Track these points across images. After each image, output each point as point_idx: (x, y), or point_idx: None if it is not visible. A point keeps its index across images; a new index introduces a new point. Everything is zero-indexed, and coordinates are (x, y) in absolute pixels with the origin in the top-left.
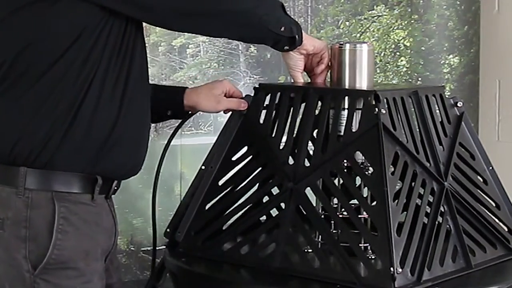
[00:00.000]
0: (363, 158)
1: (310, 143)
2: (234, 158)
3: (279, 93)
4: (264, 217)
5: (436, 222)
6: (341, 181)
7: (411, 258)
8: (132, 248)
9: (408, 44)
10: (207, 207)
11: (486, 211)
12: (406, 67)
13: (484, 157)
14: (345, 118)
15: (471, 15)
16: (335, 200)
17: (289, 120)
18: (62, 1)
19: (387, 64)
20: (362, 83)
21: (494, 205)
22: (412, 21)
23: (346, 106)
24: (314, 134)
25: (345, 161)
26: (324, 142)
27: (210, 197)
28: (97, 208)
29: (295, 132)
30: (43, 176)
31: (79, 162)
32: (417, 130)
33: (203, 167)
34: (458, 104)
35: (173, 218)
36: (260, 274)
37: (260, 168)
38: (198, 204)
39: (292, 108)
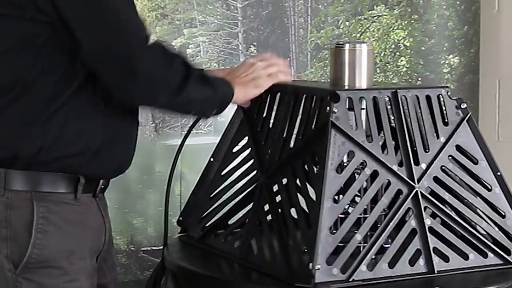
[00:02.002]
0: None
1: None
2: (234, 151)
3: (269, 90)
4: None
5: (391, 224)
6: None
7: (345, 256)
8: (132, 248)
9: (408, 44)
10: (210, 198)
11: (479, 217)
12: (406, 67)
13: (491, 162)
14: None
15: (471, 15)
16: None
17: (271, 117)
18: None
19: (387, 64)
20: (362, 83)
21: (496, 212)
22: (412, 21)
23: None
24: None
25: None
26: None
27: (214, 188)
28: (82, 207)
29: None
30: (23, 177)
31: (61, 165)
32: (389, 130)
33: (211, 159)
34: (462, 106)
35: (185, 207)
36: (260, 274)
37: (250, 162)
38: (203, 194)
39: (274, 105)
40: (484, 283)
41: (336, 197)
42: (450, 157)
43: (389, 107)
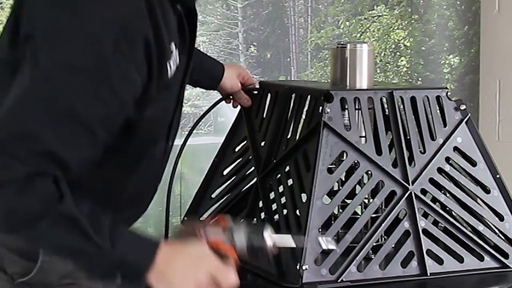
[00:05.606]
0: None
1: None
2: (235, 151)
3: (268, 91)
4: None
5: (383, 225)
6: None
7: (334, 257)
8: None
9: (408, 44)
10: (211, 197)
11: (476, 220)
12: (406, 67)
13: (490, 165)
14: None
15: (471, 15)
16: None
17: (270, 117)
18: None
19: (387, 64)
20: (362, 83)
21: (495, 215)
22: (412, 21)
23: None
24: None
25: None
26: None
27: (215, 188)
28: None
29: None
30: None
31: None
32: (384, 131)
33: (216, 159)
34: (461, 107)
35: (189, 206)
36: (254, 274)
37: (249, 162)
38: (205, 194)
39: (272, 105)
40: (479, 286)
41: (328, 198)
42: (447, 159)
43: (386, 107)
